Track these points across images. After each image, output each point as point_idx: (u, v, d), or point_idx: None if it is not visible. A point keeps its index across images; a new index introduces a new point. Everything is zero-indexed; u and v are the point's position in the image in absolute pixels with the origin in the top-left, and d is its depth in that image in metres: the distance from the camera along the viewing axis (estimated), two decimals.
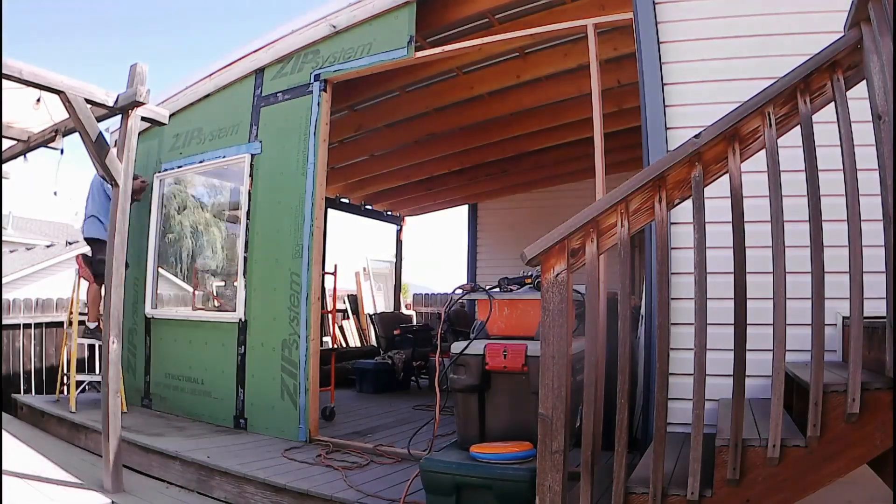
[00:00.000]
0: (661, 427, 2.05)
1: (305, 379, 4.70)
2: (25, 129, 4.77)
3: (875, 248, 1.88)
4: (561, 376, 2.17)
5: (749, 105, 2.04)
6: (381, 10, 4.69)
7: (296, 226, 4.89)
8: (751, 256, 2.02)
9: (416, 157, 7.95)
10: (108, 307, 3.92)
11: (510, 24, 4.91)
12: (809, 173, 1.98)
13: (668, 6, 3.51)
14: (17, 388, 6.64)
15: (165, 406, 5.62)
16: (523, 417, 3.02)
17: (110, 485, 3.76)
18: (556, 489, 2.14)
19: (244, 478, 3.70)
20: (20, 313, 6.90)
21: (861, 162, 1.92)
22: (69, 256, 17.35)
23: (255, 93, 5.34)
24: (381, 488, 3.49)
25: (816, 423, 1.90)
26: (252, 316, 5.10)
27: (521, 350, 3.13)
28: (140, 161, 4.61)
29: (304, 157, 4.90)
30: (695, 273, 2.04)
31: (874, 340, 2.14)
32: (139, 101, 3.88)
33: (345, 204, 9.43)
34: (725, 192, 2.03)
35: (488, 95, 6.26)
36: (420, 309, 11.15)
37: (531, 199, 9.50)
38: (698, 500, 2.00)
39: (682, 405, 2.38)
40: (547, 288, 2.20)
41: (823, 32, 2.26)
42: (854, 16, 1.98)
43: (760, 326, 2.11)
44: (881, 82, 1.86)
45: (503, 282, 3.54)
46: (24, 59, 3.40)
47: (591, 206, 2.20)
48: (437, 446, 3.41)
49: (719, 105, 2.33)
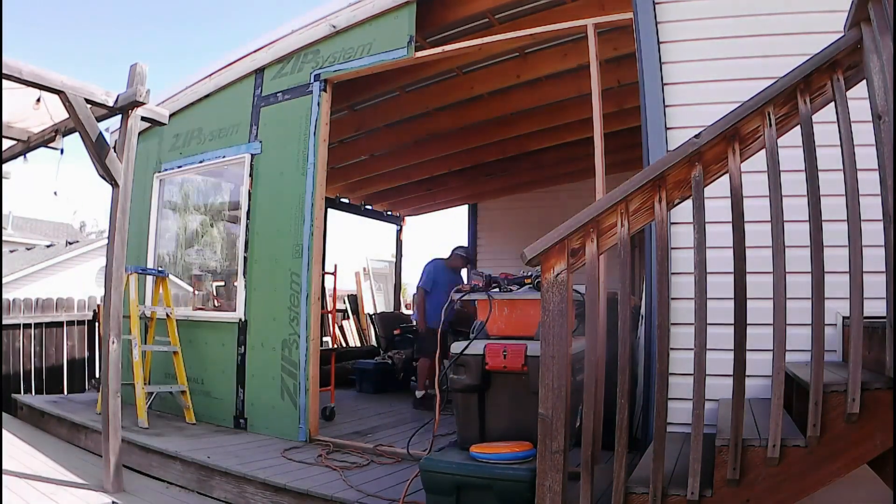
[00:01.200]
0: (661, 427, 2.05)
1: (305, 379, 4.70)
2: (25, 129, 4.77)
3: (875, 248, 1.88)
4: (561, 376, 2.17)
5: (749, 105, 2.04)
6: (381, 10, 4.69)
7: (296, 226, 4.89)
8: (751, 256, 2.02)
9: (416, 157, 7.95)
10: (107, 307, 3.92)
11: (510, 24, 4.91)
12: (809, 173, 1.98)
13: (668, 6, 3.50)
14: (17, 388, 6.64)
15: (165, 406, 5.61)
16: (523, 417, 3.02)
17: (110, 485, 3.76)
18: (556, 489, 2.14)
19: (244, 478, 3.70)
20: (20, 313, 6.90)
21: (861, 162, 1.92)
22: (69, 256, 17.37)
23: (255, 93, 5.34)
24: (380, 488, 3.49)
25: (816, 423, 1.90)
26: (252, 316, 5.10)
27: (520, 350, 3.13)
28: (140, 161, 4.61)
29: (304, 157, 4.90)
30: (695, 273, 2.04)
31: (874, 340, 2.14)
32: (139, 101, 3.88)
33: (345, 204, 9.43)
34: (725, 192, 2.03)
35: (488, 95, 6.26)
36: None
37: (531, 199, 9.49)
38: (698, 499, 2.00)
39: (682, 405, 2.38)
40: (547, 288, 2.20)
41: (823, 32, 2.26)
42: (854, 16, 1.98)
43: (760, 326, 2.11)
44: (881, 82, 1.86)
45: (489, 279, 3.49)
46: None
47: (591, 206, 2.20)
48: (436, 446, 3.41)
49: (719, 105, 2.34)
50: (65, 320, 7.29)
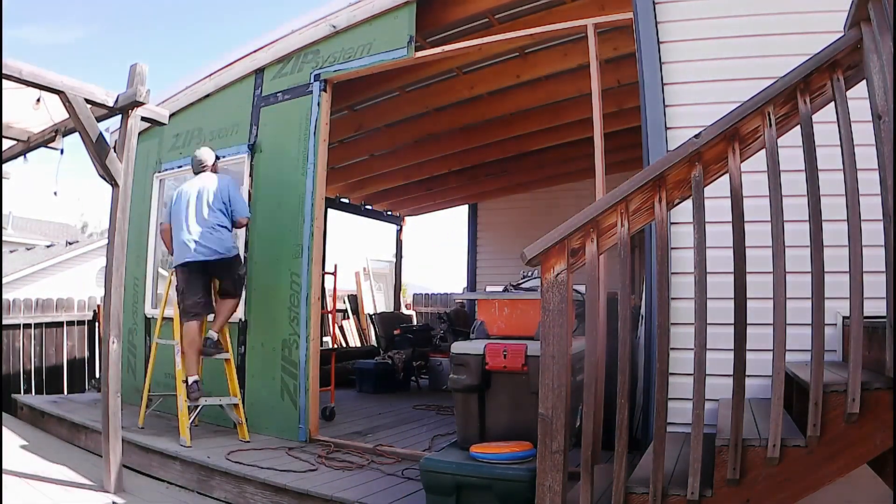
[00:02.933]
0: (661, 427, 2.05)
1: (305, 379, 4.69)
2: (25, 129, 4.77)
3: (875, 248, 1.88)
4: (561, 376, 2.17)
5: (749, 105, 2.04)
6: (381, 10, 4.68)
7: (296, 226, 4.89)
8: (751, 256, 2.02)
9: (416, 157, 7.95)
10: (108, 307, 3.92)
11: (510, 24, 4.91)
12: (809, 173, 1.98)
13: (668, 6, 3.50)
14: (17, 388, 6.64)
15: (165, 406, 5.61)
16: (523, 417, 3.02)
17: (110, 485, 3.76)
18: (556, 489, 2.14)
19: (244, 478, 3.70)
20: (20, 313, 6.90)
21: (861, 162, 1.92)
22: (69, 257, 17.36)
23: (255, 93, 5.34)
24: (380, 488, 3.49)
25: (816, 423, 1.90)
26: (252, 316, 5.10)
27: (521, 350, 3.13)
28: (140, 161, 4.61)
29: (304, 157, 4.90)
30: (695, 273, 2.05)
31: (874, 340, 2.14)
32: (139, 101, 3.88)
33: (345, 204, 9.43)
34: (725, 192, 2.03)
35: (488, 95, 6.26)
36: (420, 309, 11.16)
37: (531, 199, 9.49)
38: (698, 499, 2.00)
39: (682, 405, 2.38)
40: (547, 288, 2.20)
41: (823, 32, 2.26)
42: (854, 16, 1.98)
43: (760, 326, 2.11)
44: (881, 82, 1.86)
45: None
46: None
47: (591, 206, 2.20)
48: (437, 446, 3.41)
49: (719, 105, 2.33)
50: (65, 320, 7.29)
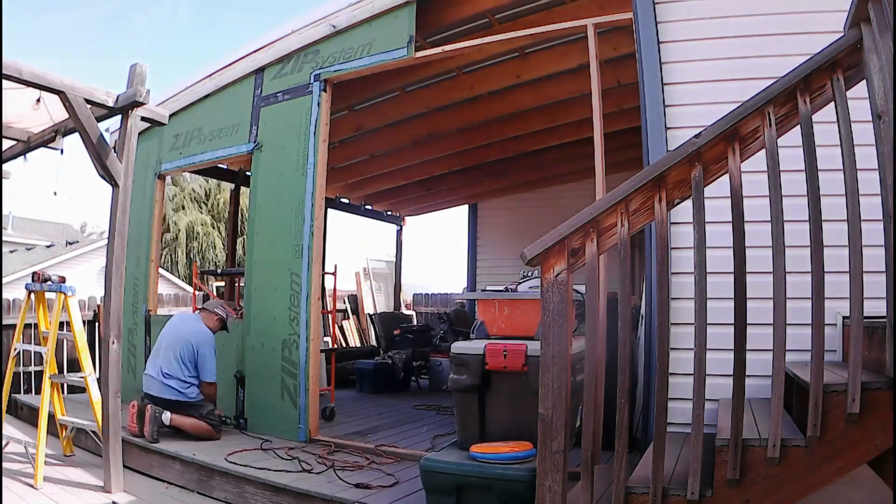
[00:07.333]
0: (661, 427, 2.05)
1: (305, 379, 4.69)
2: (25, 129, 4.77)
3: (875, 248, 1.88)
4: (561, 376, 2.17)
5: (749, 105, 2.04)
6: (381, 10, 4.68)
7: (296, 226, 4.89)
8: (751, 256, 2.02)
9: (416, 157, 7.95)
10: (108, 307, 3.92)
11: (510, 24, 4.91)
12: (809, 173, 1.98)
13: (668, 6, 3.51)
14: (17, 388, 6.63)
15: None
16: (523, 417, 3.02)
17: (110, 485, 3.76)
18: (556, 489, 2.14)
19: (244, 478, 3.70)
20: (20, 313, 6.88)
21: (861, 162, 1.92)
22: (69, 257, 17.35)
23: (255, 93, 5.34)
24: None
25: (816, 423, 1.90)
26: (252, 316, 5.10)
27: (521, 350, 3.13)
28: (140, 161, 4.61)
29: (304, 157, 4.90)
30: (695, 273, 2.05)
31: (874, 340, 2.14)
32: (139, 101, 3.88)
33: (345, 204, 9.42)
34: (725, 192, 2.03)
35: (488, 95, 6.25)
36: (420, 309, 11.15)
37: (531, 199, 9.49)
38: (698, 499, 2.00)
39: (682, 405, 2.38)
40: (547, 288, 2.20)
41: (823, 32, 2.26)
42: (854, 16, 1.98)
43: (760, 326, 2.11)
44: (881, 82, 1.86)
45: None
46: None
47: (591, 206, 2.20)
48: (437, 446, 3.41)
49: (719, 105, 2.33)
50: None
